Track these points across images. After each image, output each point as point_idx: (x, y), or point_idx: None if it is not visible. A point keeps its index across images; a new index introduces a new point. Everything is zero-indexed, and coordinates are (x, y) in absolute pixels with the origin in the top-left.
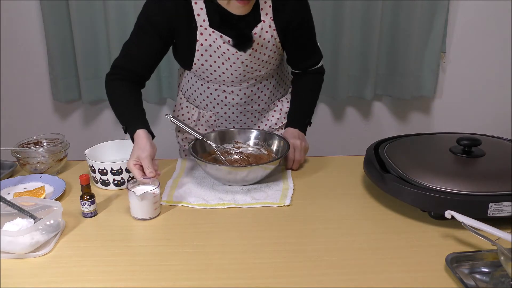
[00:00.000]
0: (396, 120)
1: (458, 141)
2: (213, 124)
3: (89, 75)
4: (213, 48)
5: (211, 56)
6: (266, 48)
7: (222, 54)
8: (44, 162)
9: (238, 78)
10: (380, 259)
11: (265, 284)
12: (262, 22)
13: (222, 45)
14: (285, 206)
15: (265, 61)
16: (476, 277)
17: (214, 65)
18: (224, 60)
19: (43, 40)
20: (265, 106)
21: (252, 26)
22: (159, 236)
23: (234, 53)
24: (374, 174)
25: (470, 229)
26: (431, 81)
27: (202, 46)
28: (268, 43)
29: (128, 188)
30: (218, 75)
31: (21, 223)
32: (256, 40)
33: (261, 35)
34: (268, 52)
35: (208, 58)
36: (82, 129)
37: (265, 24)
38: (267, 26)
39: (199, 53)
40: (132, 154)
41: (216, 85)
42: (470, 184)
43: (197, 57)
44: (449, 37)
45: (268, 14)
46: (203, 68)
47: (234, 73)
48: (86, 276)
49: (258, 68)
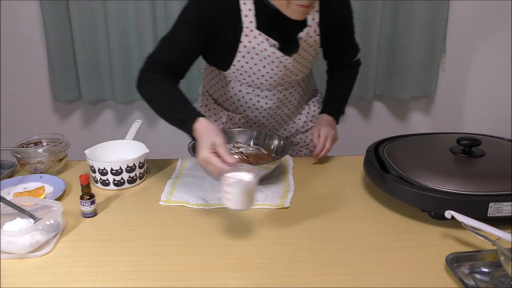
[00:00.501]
0: (396, 120)
1: (458, 141)
2: (241, 127)
3: (89, 75)
4: (257, 50)
5: (252, 58)
6: (308, 52)
7: (265, 57)
8: (44, 162)
9: (276, 81)
10: (380, 259)
11: (265, 284)
12: (308, 27)
13: (268, 48)
14: (285, 208)
15: (305, 65)
16: (476, 277)
17: (254, 68)
18: (266, 63)
19: (43, 40)
20: (294, 110)
21: (298, 30)
22: (159, 236)
23: (279, 56)
24: (374, 174)
25: (470, 229)
26: (431, 81)
27: (245, 48)
28: (310, 48)
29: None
30: (256, 77)
31: (21, 223)
32: (301, 45)
33: (306, 40)
34: (308, 56)
35: (249, 60)
36: (82, 129)
37: (311, 29)
38: (312, 31)
39: (241, 55)
40: (202, 144)
41: (250, 88)
42: (470, 184)
43: (238, 58)
44: (449, 37)
45: (314, 19)
46: (242, 70)
47: (274, 76)
48: (86, 276)
49: (297, 72)
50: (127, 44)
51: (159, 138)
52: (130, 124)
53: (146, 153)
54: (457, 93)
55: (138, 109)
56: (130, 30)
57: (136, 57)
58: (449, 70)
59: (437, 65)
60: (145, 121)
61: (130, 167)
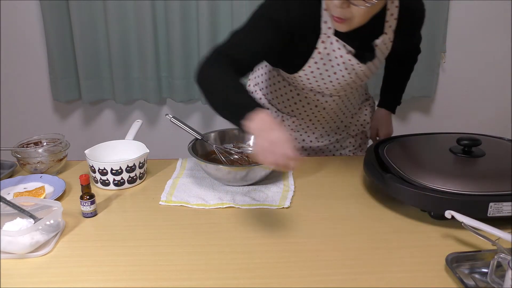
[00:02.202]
0: (396, 120)
1: (458, 141)
2: (293, 129)
3: (89, 75)
4: (331, 56)
5: (325, 64)
6: (379, 60)
7: (339, 64)
8: (44, 162)
9: (342, 87)
10: (380, 259)
11: (265, 284)
12: (384, 34)
13: (344, 55)
14: (285, 208)
15: (373, 72)
16: (476, 277)
17: (324, 74)
18: (338, 70)
19: (43, 40)
20: (348, 115)
21: (374, 37)
22: (159, 236)
23: (354, 64)
24: (374, 174)
25: (470, 229)
26: (431, 81)
27: (319, 54)
28: (382, 55)
29: None
30: (323, 83)
31: (21, 223)
32: (376, 53)
33: (381, 48)
34: (378, 64)
35: (321, 66)
36: (82, 129)
37: (386, 37)
38: (387, 39)
39: (313, 60)
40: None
41: (311, 93)
42: (470, 184)
43: (309, 64)
44: (449, 37)
45: (391, 27)
46: (311, 75)
47: (342, 82)
48: (86, 276)
49: (365, 79)
50: (127, 44)
51: (159, 138)
52: (130, 124)
53: (146, 153)
54: (457, 93)
55: (138, 109)
56: (130, 30)
57: (136, 57)
58: (449, 70)
59: (437, 65)
60: (145, 121)
61: (130, 167)
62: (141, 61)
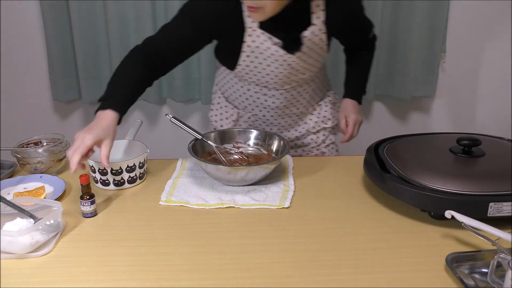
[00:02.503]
0: (396, 120)
1: (458, 141)
2: (251, 125)
3: (89, 75)
4: (261, 49)
5: (257, 57)
6: (314, 51)
7: (269, 56)
8: (44, 162)
9: (282, 80)
10: (380, 259)
11: (265, 284)
12: (313, 25)
13: (271, 47)
14: (285, 208)
15: (311, 64)
16: (476, 277)
17: (259, 67)
18: (271, 62)
19: (43, 40)
20: (303, 110)
21: (301, 29)
22: (159, 236)
23: (282, 55)
24: (374, 174)
25: (470, 229)
26: (431, 81)
27: (249, 48)
28: (316, 46)
29: None
30: (262, 76)
31: (21, 223)
32: (305, 44)
33: (311, 39)
34: (315, 55)
35: (254, 59)
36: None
37: (316, 28)
38: (317, 30)
39: (245, 54)
40: (95, 128)
41: (258, 87)
42: (470, 184)
43: (243, 58)
44: (449, 37)
45: (320, 18)
46: (248, 69)
47: (279, 75)
48: (86, 276)
49: (303, 71)
50: (127, 44)
51: (159, 138)
52: (130, 124)
53: (146, 153)
54: (457, 93)
55: (138, 109)
56: (130, 30)
57: None
58: (449, 70)
59: (437, 65)
60: (145, 121)
61: (130, 167)
62: None
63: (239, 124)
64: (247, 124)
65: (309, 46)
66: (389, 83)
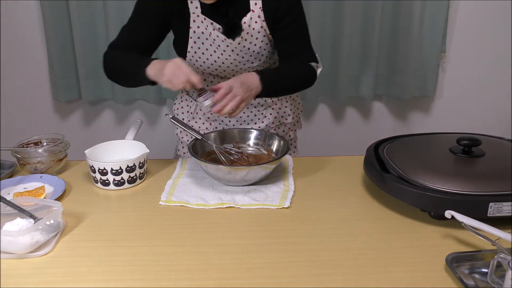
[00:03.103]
0: (396, 120)
1: (458, 141)
2: (209, 117)
3: (89, 75)
4: (205, 35)
5: (203, 43)
6: (256, 38)
7: (213, 42)
8: (44, 162)
9: (230, 67)
10: (380, 259)
11: (265, 284)
12: (251, 11)
13: (212, 32)
14: (285, 208)
15: (256, 51)
16: (476, 277)
17: (206, 53)
18: (216, 48)
19: (43, 40)
20: (261, 101)
21: (241, 15)
22: (159, 236)
23: (224, 40)
24: (374, 174)
25: (470, 229)
26: (431, 81)
27: (195, 34)
28: (258, 34)
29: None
30: (210, 63)
31: (21, 223)
32: (245, 29)
33: (250, 25)
34: (258, 42)
35: (200, 45)
36: (82, 129)
37: (254, 14)
38: (256, 16)
39: (192, 40)
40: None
41: (211, 76)
42: (470, 184)
43: (191, 44)
44: (449, 37)
45: (257, 4)
46: (196, 56)
47: (225, 61)
48: (86, 276)
49: (250, 59)
50: None
51: (159, 138)
52: (130, 124)
53: (146, 153)
54: (457, 93)
55: (138, 109)
56: None
57: None
58: (449, 70)
59: (437, 65)
60: (145, 121)
61: (130, 167)
62: None
63: (199, 117)
64: (206, 116)
65: (249, 32)
66: (389, 83)
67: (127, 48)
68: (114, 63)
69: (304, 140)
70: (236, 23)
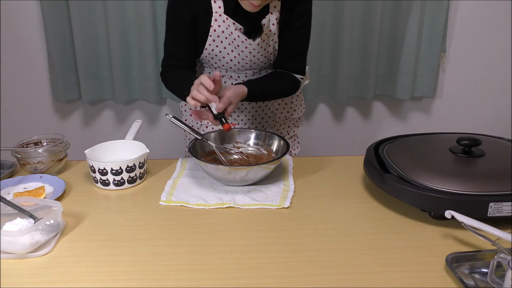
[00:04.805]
0: (396, 120)
1: (458, 141)
2: None
3: (89, 75)
4: (225, 34)
5: (222, 42)
6: (271, 39)
7: (232, 41)
8: (44, 162)
9: (242, 64)
10: (380, 259)
11: (265, 284)
12: (270, 14)
13: (233, 32)
14: (285, 208)
15: (270, 52)
16: (476, 277)
17: (223, 51)
18: (234, 47)
19: (43, 40)
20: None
21: (261, 16)
22: (159, 236)
23: (244, 40)
24: (374, 174)
25: (470, 229)
26: (431, 81)
27: (215, 32)
28: (274, 35)
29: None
30: (226, 62)
31: (21, 223)
32: (264, 31)
33: (268, 26)
34: (272, 43)
35: (219, 44)
36: (82, 129)
37: (272, 16)
38: (274, 19)
39: (211, 39)
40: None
41: (223, 69)
42: (470, 184)
43: (209, 42)
44: (449, 37)
45: (276, 7)
46: (213, 53)
47: (241, 61)
48: (86, 276)
49: (263, 59)
50: (127, 44)
51: (159, 138)
52: (130, 124)
53: (146, 153)
54: (457, 93)
55: (138, 109)
56: (130, 30)
57: (136, 57)
58: (449, 70)
59: (437, 65)
60: (145, 121)
61: (130, 167)
62: (141, 61)
63: None
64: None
65: (267, 33)
66: (389, 83)
67: (176, 65)
68: (169, 85)
69: (304, 140)
70: (258, 24)
